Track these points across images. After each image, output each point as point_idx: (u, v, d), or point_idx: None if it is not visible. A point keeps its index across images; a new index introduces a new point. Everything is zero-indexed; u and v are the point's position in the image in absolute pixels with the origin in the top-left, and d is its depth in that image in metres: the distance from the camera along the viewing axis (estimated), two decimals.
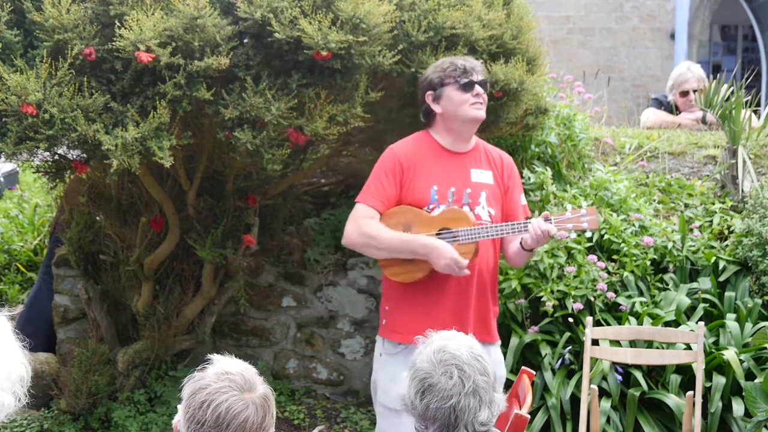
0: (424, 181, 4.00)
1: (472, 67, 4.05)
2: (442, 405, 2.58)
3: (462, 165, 4.05)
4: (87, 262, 5.30)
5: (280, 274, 5.56)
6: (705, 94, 5.52)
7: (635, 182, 5.55)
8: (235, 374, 2.44)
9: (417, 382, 2.63)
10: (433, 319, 3.86)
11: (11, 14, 4.10)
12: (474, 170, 4.05)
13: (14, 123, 3.94)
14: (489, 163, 4.09)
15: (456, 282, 3.97)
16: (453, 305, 3.99)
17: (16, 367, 2.43)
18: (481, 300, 4.04)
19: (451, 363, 2.62)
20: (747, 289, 5.03)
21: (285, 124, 4.17)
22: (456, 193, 4.00)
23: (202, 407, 2.39)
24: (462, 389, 2.59)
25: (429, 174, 4.01)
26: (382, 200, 3.99)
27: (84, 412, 5.11)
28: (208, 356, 2.53)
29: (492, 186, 4.06)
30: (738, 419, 4.60)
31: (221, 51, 4.07)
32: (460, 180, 4.01)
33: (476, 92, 4.01)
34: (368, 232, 3.96)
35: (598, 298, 4.90)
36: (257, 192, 5.02)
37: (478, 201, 4.00)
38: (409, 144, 4.11)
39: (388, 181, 4.01)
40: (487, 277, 4.06)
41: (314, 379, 5.55)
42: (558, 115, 5.53)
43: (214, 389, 2.40)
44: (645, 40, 14.90)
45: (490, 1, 4.77)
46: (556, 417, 4.73)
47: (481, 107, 4.03)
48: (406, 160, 4.03)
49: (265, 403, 2.44)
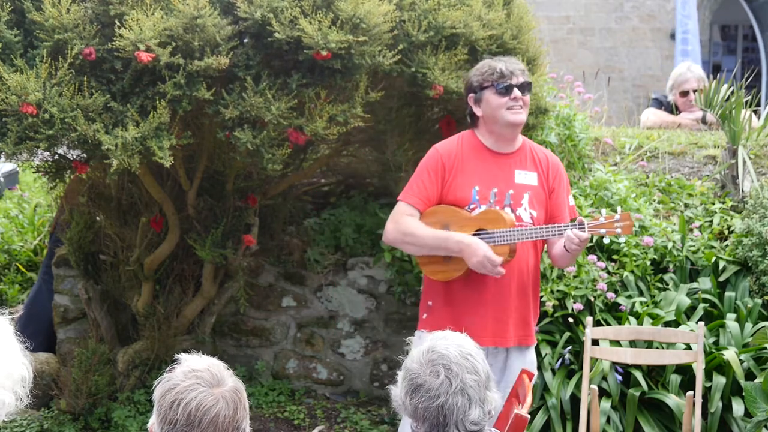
0: (466, 181, 4.00)
1: (511, 70, 4.01)
2: (430, 404, 2.58)
3: (506, 166, 4.04)
4: (87, 262, 5.30)
5: (280, 274, 5.56)
6: (705, 94, 5.51)
7: (635, 182, 5.55)
8: (202, 370, 2.43)
9: (407, 382, 2.64)
10: (473, 319, 3.93)
11: (11, 14, 4.11)
12: (518, 171, 4.04)
13: (14, 123, 3.94)
14: (534, 164, 4.07)
15: (495, 282, 3.97)
16: (493, 305, 4.00)
17: (17, 367, 2.43)
18: (521, 301, 4.04)
19: (438, 362, 2.62)
20: (747, 289, 5.02)
21: (285, 124, 4.17)
22: (498, 194, 4.00)
23: (172, 407, 2.38)
24: (449, 388, 2.59)
25: (471, 174, 4.01)
26: (423, 199, 4.02)
27: (84, 412, 5.11)
28: (175, 356, 2.54)
29: (536, 187, 4.04)
30: (738, 419, 4.60)
31: (221, 51, 4.07)
32: (503, 181, 4.01)
33: (514, 96, 3.99)
34: (406, 230, 3.99)
35: (598, 298, 4.90)
36: (257, 192, 5.02)
37: (520, 202, 3.99)
38: (453, 143, 4.10)
39: (430, 180, 4.02)
40: (528, 278, 4.05)
41: (314, 379, 5.55)
42: (558, 115, 5.52)
43: (182, 388, 2.39)
44: (645, 40, 14.90)
45: (490, 1, 4.77)
46: (556, 417, 4.73)
47: (519, 111, 4.00)
48: (449, 160, 4.04)
49: (235, 396, 2.42)
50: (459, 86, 4.52)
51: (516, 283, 4.02)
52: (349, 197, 5.63)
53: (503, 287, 3.99)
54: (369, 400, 5.47)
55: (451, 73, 4.52)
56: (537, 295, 4.18)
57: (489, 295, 3.99)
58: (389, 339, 5.50)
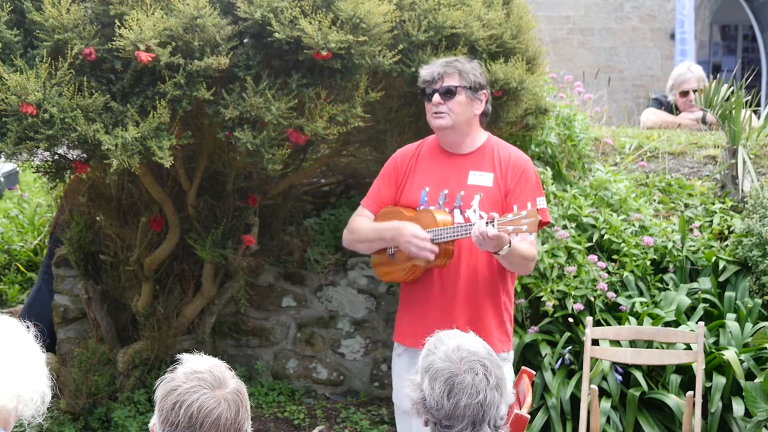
0: (417, 183, 4.03)
1: (432, 76, 3.95)
2: (471, 401, 2.60)
3: (461, 167, 4.01)
4: (87, 262, 5.30)
5: (280, 274, 5.56)
6: (705, 94, 5.52)
7: (635, 182, 5.55)
8: (204, 372, 2.43)
9: (442, 382, 2.62)
10: (421, 322, 3.91)
11: (11, 14, 4.11)
12: (473, 172, 4.00)
13: (14, 123, 3.94)
14: (493, 165, 4.01)
15: (440, 284, 3.96)
16: (439, 307, 3.96)
17: (40, 384, 2.46)
18: (474, 305, 3.95)
19: (473, 359, 2.64)
20: (747, 289, 5.02)
21: (285, 124, 4.17)
22: (449, 196, 3.98)
23: (174, 409, 2.39)
24: (487, 384, 2.62)
25: (423, 176, 4.03)
26: (376, 202, 4.11)
27: (84, 412, 5.11)
28: (177, 356, 2.53)
29: (490, 188, 3.97)
30: (738, 419, 4.60)
31: (221, 51, 4.07)
32: (455, 182, 3.99)
33: (434, 102, 3.95)
34: (350, 228, 4.14)
35: (598, 298, 4.90)
36: (257, 192, 5.02)
37: (470, 204, 3.96)
38: (413, 146, 4.14)
39: (384, 184, 4.11)
40: (481, 281, 3.96)
41: (314, 379, 5.55)
42: (558, 115, 5.53)
43: (184, 389, 2.40)
44: (645, 40, 14.90)
45: (490, 1, 4.77)
46: (556, 417, 4.73)
47: (439, 116, 3.95)
48: (403, 163, 4.09)
49: (237, 397, 2.43)
50: None
51: (464, 286, 3.95)
52: (349, 197, 5.63)
53: (447, 289, 3.96)
54: (369, 400, 5.47)
55: None
56: (498, 300, 4.00)
57: (434, 296, 3.97)
58: (389, 339, 5.49)
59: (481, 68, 4.11)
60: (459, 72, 3.96)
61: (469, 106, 3.97)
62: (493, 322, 3.99)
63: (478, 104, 4.00)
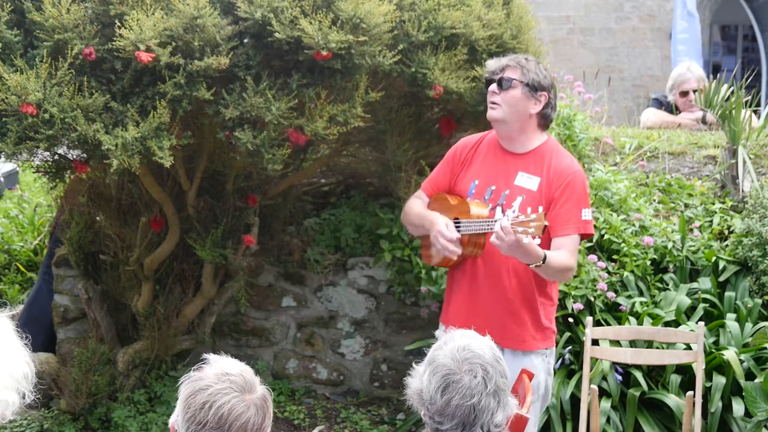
0: (470, 175, 4.09)
1: (494, 68, 4.00)
2: (463, 402, 2.59)
3: (512, 166, 4.02)
4: (87, 262, 5.30)
5: (280, 274, 5.56)
6: (705, 94, 5.51)
7: (635, 182, 5.55)
8: (236, 375, 2.44)
9: (438, 377, 2.63)
10: (455, 304, 4.08)
11: (11, 14, 4.11)
12: (521, 174, 4.00)
13: (14, 123, 3.94)
14: (542, 170, 3.99)
15: (471, 272, 4.02)
16: (469, 294, 4.03)
17: (19, 364, 2.43)
18: (500, 301, 3.98)
19: (475, 362, 2.63)
20: (747, 289, 5.02)
21: (285, 124, 4.17)
22: (495, 192, 4.02)
23: (203, 408, 2.38)
24: (484, 389, 2.61)
25: (477, 169, 4.08)
26: (432, 185, 4.21)
27: (84, 412, 5.11)
28: (204, 356, 2.53)
29: (533, 193, 3.96)
30: (738, 419, 4.60)
31: (221, 51, 4.07)
32: (503, 180, 4.02)
33: (490, 90, 3.99)
34: (405, 209, 4.25)
35: (598, 298, 4.90)
36: (257, 192, 5.02)
37: (511, 204, 3.97)
38: (475, 137, 4.19)
39: (443, 170, 4.19)
40: (513, 279, 3.97)
41: (314, 379, 5.55)
42: (558, 115, 5.52)
43: (215, 390, 2.40)
44: (645, 40, 14.89)
45: (490, 1, 4.77)
46: (556, 417, 4.73)
47: (494, 106, 3.98)
48: (463, 152, 4.15)
49: (264, 404, 2.45)
50: (459, 86, 4.52)
51: (491, 282, 3.98)
52: (349, 197, 5.63)
53: (475, 281, 4.01)
54: (369, 400, 5.47)
55: (451, 74, 4.52)
56: (531, 300, 4.01)
57: (465, 285, 4.04)
58: (389, 339, 5.50)
59: (547, 72, 4.09)
60: (522, 68, 3.98)
61: (524, 102, 3.96)
62: (528, 318, 4.01)
63: (536, 104, 3.97)
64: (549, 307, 4.07)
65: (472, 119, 4.87)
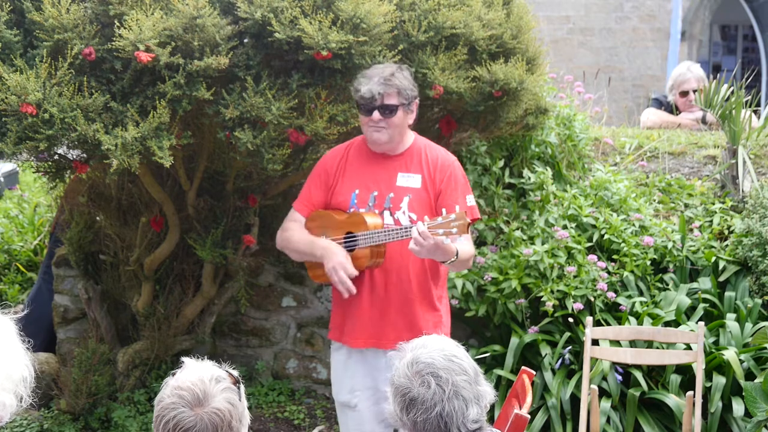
0: (347, 186, 4.06)
1: (372, 94, 3.93)
2: (428, 416, 2.57)
3: (390, 168, 4.04)
4: (87, 262, 5.30)
5: (280, 274, 5.56)
6: (705, 94, 5.52)
7: (635, 182, 5.56)
8: (186, 390, 2.46)
9: (399, 398, 2.62)
10: (354, 319, 4.02)
11: (11, 14, 4.11)
12: (401, 174, 4.03)
13: (14, 123, 3.94)
14: (421, 166, 4.04)
15: (370, 285, 4.00)
16: (371, 307, 4.01)
17: (17, 367, 2.44)
18: (406, 305, 4.00)
19: (426, 372, 2.60)
20: (747, 289, 5.03)
21: (285, 124, 4.17)
22: (378, 197, 4.02)
23: (156, 421, 2.47)
24: (443, 395, 2.57)
25: (353, 178, 4.06)
26: (307, 204, 4.14)
27: (84, 412, 5.11)
28: (182, 359, 2.57)
29: (418, 190, 4.01)
30: (738, 419, 4.60)
31: (221, 51, 4.07)
32: (385, 184, 4.02)
33: (373, 118, 3.96)
34: (284, 236, 4.17)
35: (598, 298, 4.90)
36: (257, 192, 5.02)
37: (399, 206, 3.99)
38: (342, 148, 4.16)
39: (315, 186, 4.13)
40: (414, 282, 4.00)
41: (314, 379, 5.55)
42: (558, 115, 5.53)
43: (165, 405, 2.46)
44: (645, 40, 14.90)
45: (490, 1, 4.77)
46: (556, 417, 4.73)
47: (378, 131, 3.97)
48: (333, 164, 4.11)
49: (217, 417, 2.44)
50: (459, 86, 4.52)
51: (396, 287, 3.99)
52: None
53: (378, 290, 4.00)
54: None
55: (451, 73, 4.52)
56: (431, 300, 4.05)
57: (365, 296, 4.00)
58: None
59: (411, 75, 4.09)
60: (398, 90, 3.97)
61: (405, 120, 4.02)
62: (422, 320, 4.03)
63: (412, 113, 4.05)
64: (445, 301, 4.14)
65: (472, 119, 4.87)
